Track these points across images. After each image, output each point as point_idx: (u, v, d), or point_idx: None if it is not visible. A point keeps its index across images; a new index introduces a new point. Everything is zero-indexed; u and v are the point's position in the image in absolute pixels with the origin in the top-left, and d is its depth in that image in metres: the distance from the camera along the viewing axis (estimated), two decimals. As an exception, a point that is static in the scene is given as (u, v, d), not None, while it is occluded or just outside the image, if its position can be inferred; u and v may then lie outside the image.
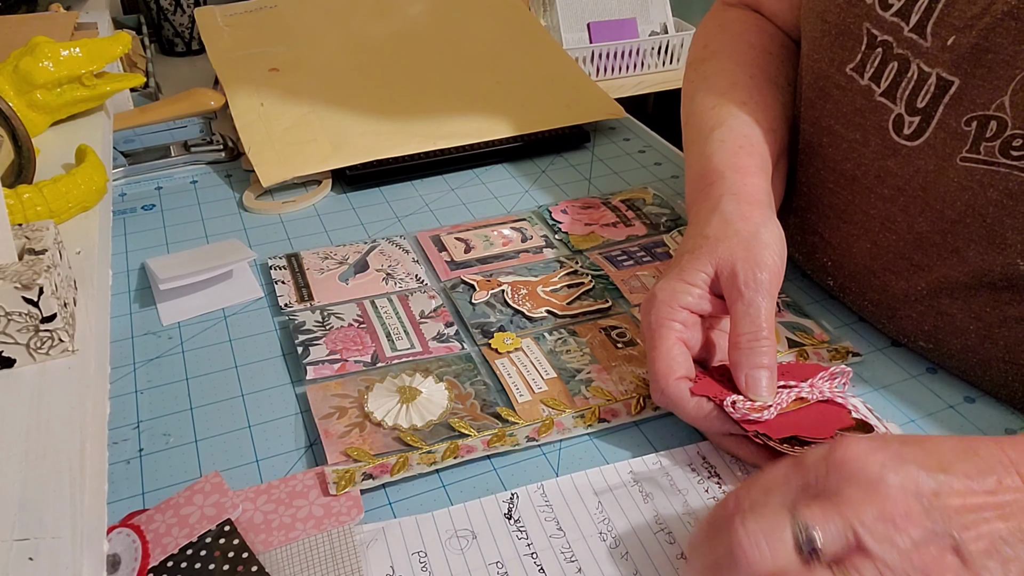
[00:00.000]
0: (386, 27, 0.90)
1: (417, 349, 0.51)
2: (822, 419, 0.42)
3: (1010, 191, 0.42)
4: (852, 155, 0.50)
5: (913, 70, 0.45)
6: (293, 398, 0.48)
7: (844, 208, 0.52)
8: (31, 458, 0.34)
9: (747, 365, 0.42)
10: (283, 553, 0.38)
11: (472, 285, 0.57)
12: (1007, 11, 0.40)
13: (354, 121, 0.76)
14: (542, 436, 0.45)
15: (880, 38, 0.47)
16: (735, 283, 0.43)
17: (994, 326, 0.46)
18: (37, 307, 0.38)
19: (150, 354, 0.52)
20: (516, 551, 0.39)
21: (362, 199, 0.71)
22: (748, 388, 0.42)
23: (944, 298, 0.48)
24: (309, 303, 0.55)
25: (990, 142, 0.42)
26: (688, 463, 0.44)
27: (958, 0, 0.42)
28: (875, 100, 0.48)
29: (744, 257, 0.44)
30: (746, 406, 0.41)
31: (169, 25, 1.01)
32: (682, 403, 0.43)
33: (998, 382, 0.48)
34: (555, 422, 0.46)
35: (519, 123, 0.78)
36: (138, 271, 0.60)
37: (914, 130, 0.46)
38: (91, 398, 0.38)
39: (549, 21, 1.04)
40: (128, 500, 0.42)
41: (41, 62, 0.57)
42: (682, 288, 0.45)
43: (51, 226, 0.43)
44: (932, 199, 0.46)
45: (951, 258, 0.46)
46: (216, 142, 0.77)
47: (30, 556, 0.30)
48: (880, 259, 0.51)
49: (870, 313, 0.54)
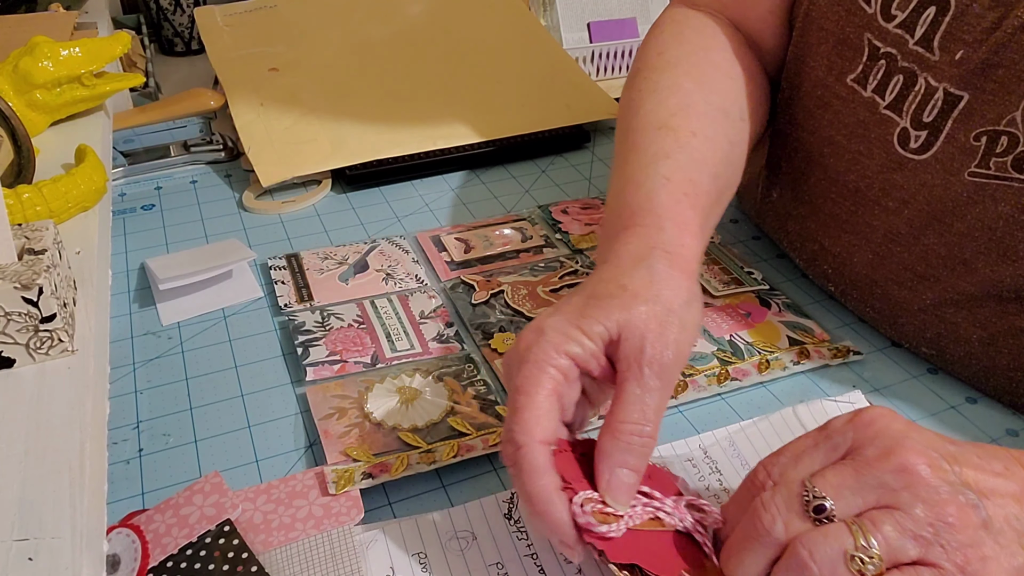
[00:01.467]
0: (386, 27, 0.90)
1: (417, 350, 0.51)
2: (673, 553, 0.35)
3: (1022, 205, 0.42)
4: (855, 167, 0.50)
5: (920, 84, 0.44)
6: (293, 398, 0.48)
7: (846, 219, 0.52)
8: (31, 458, 0.34)
9: (618, 460, 0.35)
10: (283, 553, 0.38)
11: (472, 285, 0.57)
12: (1019, 25, 0.40)
13: (354, 121, 0.76)
14: (542, 436, 0.45)
15: (883, 50, 0.46)
16: (638, 358, 0.35)
17: (999, 336, 0.46)
18: (37, 307, 0.38)
19: (150, 354, 0.52)
20: (516, 552, 0.39)
21: (362, 199, 0.71)
22: (609, 487, 0.35)
23: (949, 308, 0.47)
24: (309, 303, 0.55)
25: (1000, 157, 0.42)
26: (688, 458, 0.44)
27: (967, 14, 0.42)
28: (879, 113, 0.47)
29: (657, 333, 0.36)
30: (593, 508, 0.34)
31: (169, 25, 1.01)
32: (533, 473, 0.34)
33: (1002, 388, 0.48)
34: (555, 422, 0.46)
35: (519, 123, 0.78)
36: (138, 271, 0.60)
37: (921, 144, 0.45)
38: (91, 398, 0.38)
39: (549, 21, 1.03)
40: (128, 500, 0.42)
41: (41, 62, 0.57)
42: (576, 335, 0.36)
43: (51, 226, 0.43)
44: (939, 212, 0.46)
45: (958, 270, 0.46)
46: (216, 142, 0.77)
47: (30, 556, 0.30)
48: (882, 269, 0.50)
49: (871, 319, 0.54)
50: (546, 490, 0.34)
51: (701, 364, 0.50)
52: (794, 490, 0.32)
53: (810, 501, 0.31)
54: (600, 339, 0.36)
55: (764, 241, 0.64)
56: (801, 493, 0.32)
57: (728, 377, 0.49)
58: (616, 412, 0.35)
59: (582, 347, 0.36)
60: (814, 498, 0.31)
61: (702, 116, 0.48)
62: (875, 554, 0.30)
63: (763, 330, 0.53)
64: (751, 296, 0.56)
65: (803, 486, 0.32)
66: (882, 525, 0.30)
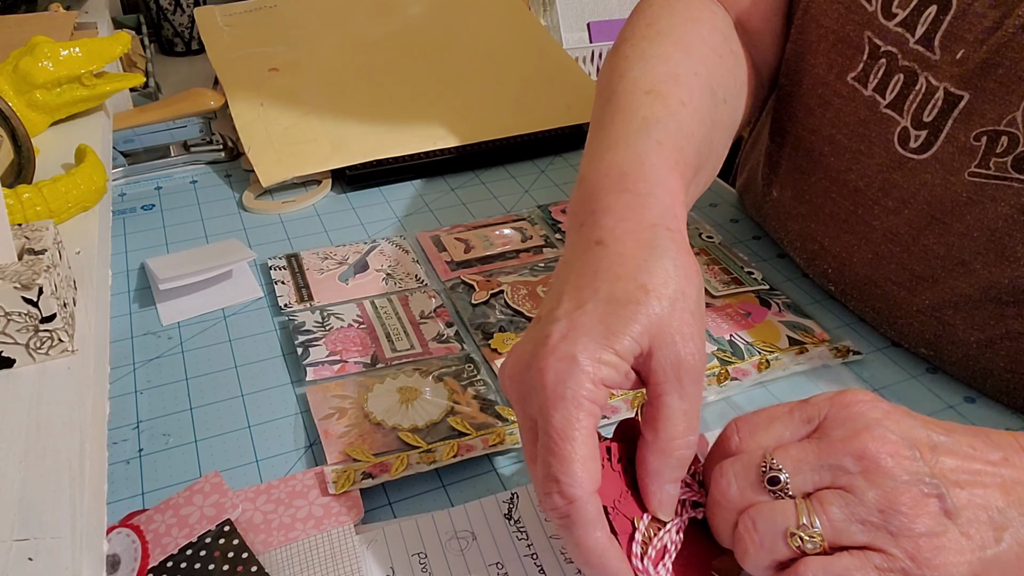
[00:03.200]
0: (386, 27, 0.90)
1: (417, 350, 0.51)
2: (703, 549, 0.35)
3: (1022, 206, 0.42)
4: (855, 166, 0.50)
5: (921, 83, 0.44)
6: (293, 398, 0.48)
7: (846, 218, 0.52)
8: (31, 458, 0.34)
9: (669, 477, 0.34)
10: (283, 553, 0.38)
11: (472, 285, 0.57)
12: (1020, 25, 0.40)
13: (354, 121, 0.76)
14: (542, 436, 0.45)
15: (883, 48, 0.46)
16: (676, 370, 0.33)
17: (996, 339, 0.46)
18: (37, 307, 0.38)
19: (150, 354, 0.52)
20: (516, 552, 0.39)
21: (362, 199, 0.71)
22: (662, 505, 0.34)
23: (947, 309, 0.47)
24: (309, 303, 0.55)
25: (1000, 157, 0.42)
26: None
27: (968, 13, 0.42)
28: (880, 112, 0.47)
29: (688, 335, 0.33)
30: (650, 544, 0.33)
31: (169, 25, 1.01)
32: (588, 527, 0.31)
33: (999, 389, 0.48)
34: (555, 422, 0.45)
35: (519, 123, 0.78)
36: (138, 271, 0.60)
37: (921, 143, 0.45)
38: (91, 398, 0.38)
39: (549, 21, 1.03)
40: (128, 500, 0.42)
41: (41, 62, 0.57)
42: (609, 359, 0.33)
43: (51, 226, 0.43)
44: (939, 212, 0.46)
45: (957, 271, 0.46)
46: (216, 142, 0.77)
47: (30, 556, 0.30)
48: (882, 270, 0.50)
49: (871, 319, 0.54)
50: (601, 543, 0.32)
51: (701, 364, 0.50)
52: (754, 460, 0.32)
53: (766, 472, 0.32)
54: (631, 355, 0.33)
55: (764, 241, 0.64)
56: (759, 464, 0.32)
57: (728, 377, 0.49)
58: (662, 429, 0.33)
59: (617, 370, 0.33)
60: (770, 469, 0.32)
61: (691, 89, 0.46)
62: (816, 534, 0.30)
63: (763, 330, 0.53)
64: (751, 296, 0.56)
65: (763, 457, 0.32)
66: (829, 507, 0.31)
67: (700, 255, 0.60)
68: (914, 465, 0.31)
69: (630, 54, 0.48)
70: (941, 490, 0.30)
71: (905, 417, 0.32)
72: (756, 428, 0.34)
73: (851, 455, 0.31)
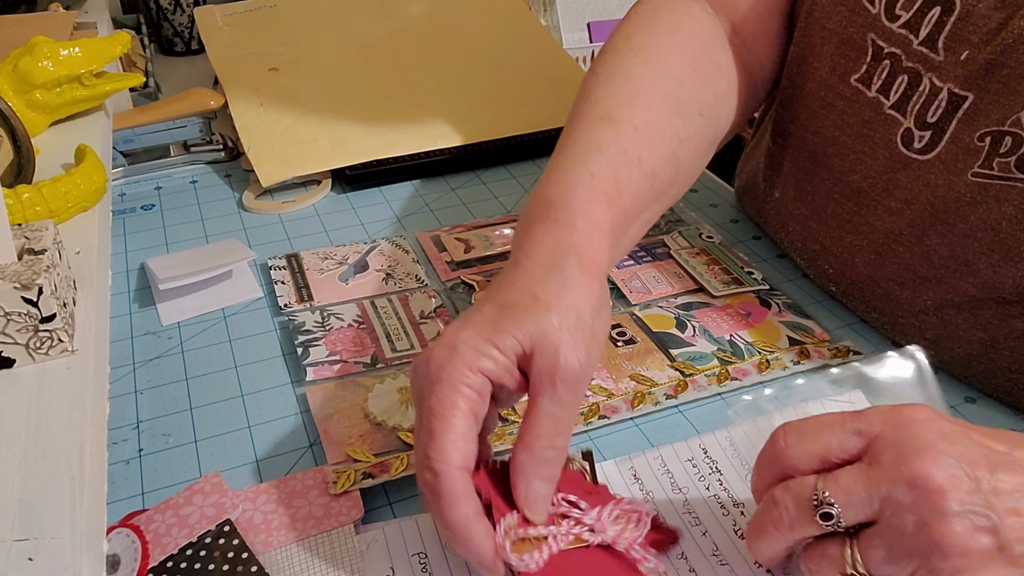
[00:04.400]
0: (386, 27, 0.90)
1: (417, 350, 0.51)
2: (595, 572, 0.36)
3: None
4: (859, 167, 0.50)
5: (925, 84, 0.44)
6: (293, 398, 0.48)
7: (848, 219, 0.52)
8: (31, 458, 0.34)
9: (534, 473, 0.35)
10: (283, 553, 0.38)
11: (472, 285, 0.57)
12: None
13: (354, 121, 0.76)
14: (542, 436, 0.45)
15: (887, 50, 0.46)
16: (551, 373, 0.35)
17: (1000, 338, 0.46)
18: (36, 307, 0.38)
19: (150, 354, 0.52)
20: (516, 551, 0.39)
21: (362, 199, 0.71)
22: (527, 500, 0.35)
23: (950, 309, 0.47)
24: (309, 303, 0.55)
25: (1004, 157, 0.42)
26: (688, 458, 0.44)
27: (972, 14, 0.42)
28: (884, 113, 0.47)
29: (570, 345, 0.35)
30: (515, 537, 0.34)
31: (169, 25, 1.01)
32: (453, 501, 0.33)
33: (1002, 389, 0.48)
34: (555, 422, 0.45)
35: (519, 123, 0.78)
36: (138, 271, 0.60)
37: (925, 144, 0.45)
38: (91, 398, 0.38)
39: (549, 21, 1.03)
40: (128, 500, 0.42)
41: (40, 62, 0.57)
42: (489, 351, 0.35)
43: (50, 226, 0.43)
44: (942, 213, 0.46)
45: (960, 271, 0.46)
46: (216, 142, 0.77)
47: (30, 556, 0.30)
48: (884, 270, 0.50)
49: (872, 319, 0.53)
50: (466, 518, 0.33)
51: (701, 364, 0.50)
52: (806, 492, 0.32)
53: (819, 507, 0.32)
54: (513, 352, 0.35)
55: (765, 241, 0.64)
56: (811, 497, 0.32)
57: (728, 377, 0.49)
58: (531, 427, 0.35)
59: (496, 363, 0.35)
60: (822, 505, 0.32)
61: (653, 109, 0.47)
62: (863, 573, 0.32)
63: (763, 330, 0.53)
64: (751, 296, 0.56)
65: (814, 489, 0.32)
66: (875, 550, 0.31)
67: (700, 255, 0.61)
68: (968, 495, 0.29)
69: (600, 72, 0.50)
70: (993, 521, 0.29)
71: (962, 436, 0.31)
72: (804, 435, 0.34)
73: (903, 483, 0.30)
